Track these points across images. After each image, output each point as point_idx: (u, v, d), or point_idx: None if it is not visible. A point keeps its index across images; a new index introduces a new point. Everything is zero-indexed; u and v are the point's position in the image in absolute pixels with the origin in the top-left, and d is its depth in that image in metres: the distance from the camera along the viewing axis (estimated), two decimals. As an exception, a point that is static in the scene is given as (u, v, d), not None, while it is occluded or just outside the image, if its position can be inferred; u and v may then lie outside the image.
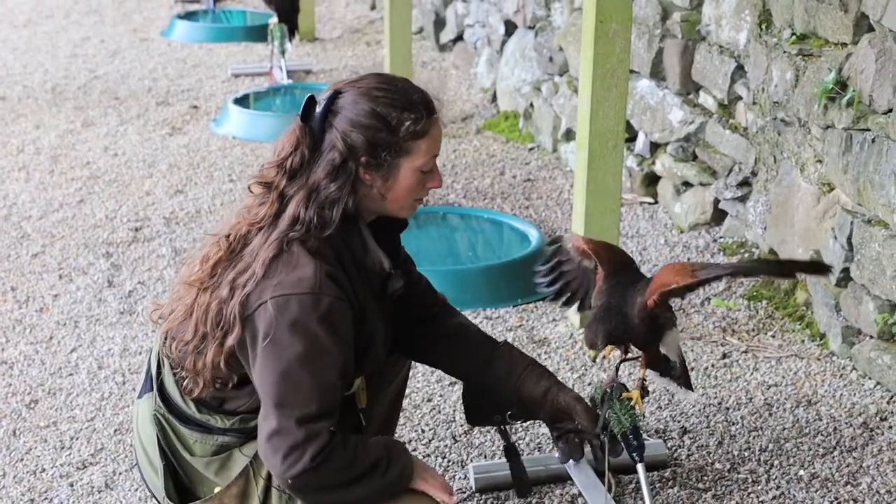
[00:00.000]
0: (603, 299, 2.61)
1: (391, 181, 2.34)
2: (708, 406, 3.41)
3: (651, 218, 4.93)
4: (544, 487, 3.00)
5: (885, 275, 3.39)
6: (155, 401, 2.44)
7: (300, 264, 2.24)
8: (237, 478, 2.36)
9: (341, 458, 2.24)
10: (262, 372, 2.23)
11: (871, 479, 3.01)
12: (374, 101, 2.29)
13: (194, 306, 2.32)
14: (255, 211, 2.34)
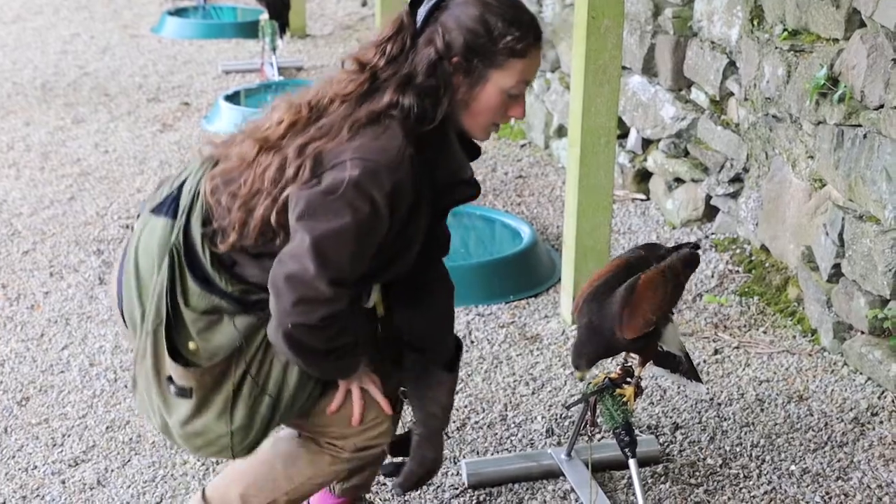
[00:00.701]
0: (584, 318, 2.61)
1: (476, 90, 2.24)
2: (700, 402, 3.42)
3: (643, 214, 4.94)
4: (536, 484, 3.01)
5: (877, 270, 3.39)
6: (178, 233, 2.29)
7: (390, 137, 2.16)
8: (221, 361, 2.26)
9: (340, 327, 2.21)
10: (313, 222, 2.14)
11: (861, 473, 3.01)
12: (484, 8, 2.21)
13: (255, 163, 2.24)
14: (345, 85, 2.24)
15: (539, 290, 4.28)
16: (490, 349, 3.80)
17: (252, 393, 2.28)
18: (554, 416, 3.35)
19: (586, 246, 3.86)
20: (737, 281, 4.25)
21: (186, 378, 2.25)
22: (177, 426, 2.31)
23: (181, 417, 2.29)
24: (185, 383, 2.26)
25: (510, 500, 2.93)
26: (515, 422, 3.33)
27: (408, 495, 2.94)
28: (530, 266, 4.39)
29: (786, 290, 4.06)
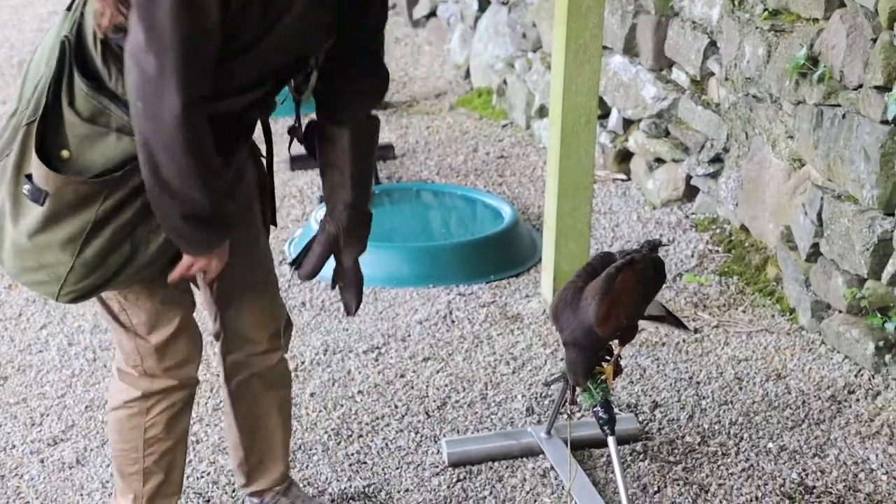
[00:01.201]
0: (565, 333, 2.61)
1: None
2: (679, 381, 3.44)
3: (624, 195, 4.95)
4: (516, 462, 3.02)
5: (854, 250, 3.41)
6: (71, 25, 2.12)
7: None
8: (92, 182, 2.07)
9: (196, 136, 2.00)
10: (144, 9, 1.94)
11: (838, 450, 3.04)
12: None
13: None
14: None
15: (520, 270, 4.29)
16: (471, 328, 3.81)
17: (114, 234, 2.11)
18: (534, 394, 3.36)
19: (567, 226, 3.87)
20: (716, 261, 4.27)
21: (46, 181, 2.06)
22: (17, 237, 2.12)
23: (26, 227, 2.10)
24: (42, 185, 2.06)
25: (490, 479, 2.95)
26: (496, 400, 3.34)
27: (384, 466, 2.95)
28: (511, 246, 4.40)
29: (765, 270, 4.08)
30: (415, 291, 4.10)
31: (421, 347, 3.68)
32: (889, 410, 3.22)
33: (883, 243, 3.32)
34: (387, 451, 3.08)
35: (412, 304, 4.00)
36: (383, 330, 3.79)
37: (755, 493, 2.85)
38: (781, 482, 2.90)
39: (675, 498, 2.84)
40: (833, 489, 2.86)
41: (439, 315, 3.90)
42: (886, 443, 3.06)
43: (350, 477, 2.94)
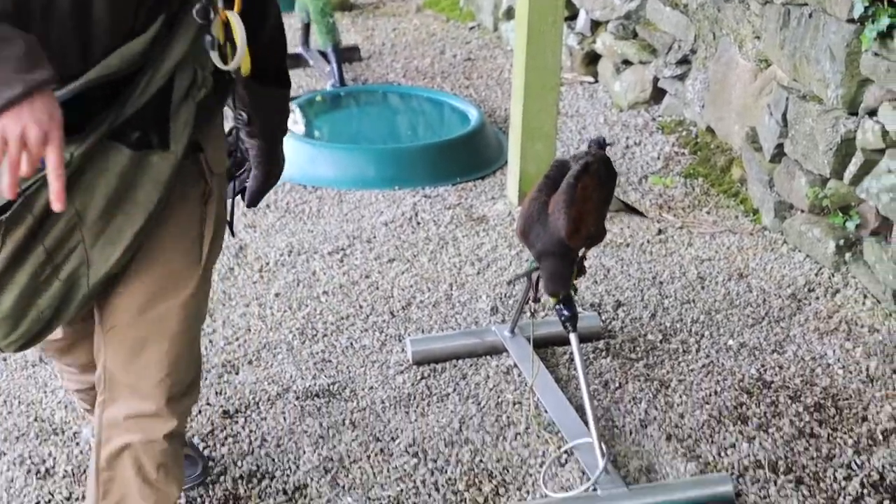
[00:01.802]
0: (535, 248, 2.61)
1: None
2: (642, 280, 3.46)
3: (591, 97, 4.93)
4: (480, 360, 3.05)
5: (818, 149, 3.43)
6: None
7: None
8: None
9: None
10: None
11: (796, 346, 3.09)
12: None
13: None
14: None
15: (486, 173, 4.29)
16: (436, 230, 3.82)
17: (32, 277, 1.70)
18: (499, 294, 3.38)
19: (533, 127, 3.86)
20: (682, 163, 4.28)
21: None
22: None
23: None
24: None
25: (454, 376, 2.97)
26: (460, 301, 3.36)
27: (349, 364, 2.98)
28: (477, 148, 4.39)
29: (730, 171, 4.09)
30: (380, 193, 4.09)
31: (386, 249, 3.68)
32: (847, 308, 3.27)
33: (846, 143, 3.33)
34: (351, 349, 3.10)
35: (378, 206, 4.00)
36: (349, 231, 3.80)
37: (714, 388, 2.90)
38: (740, 378, 2.94)
39: (636, 394, 2.88)
40: (790, 384, 2.91)
41: (405, 217, 3.90)
42: (844, 339, 3.11)
43: (315, 375, 2.97)
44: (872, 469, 2.57)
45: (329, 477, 2.56)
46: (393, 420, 2.78)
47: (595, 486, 2.44)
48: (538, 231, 2.59)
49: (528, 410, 2.81)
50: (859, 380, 2.92)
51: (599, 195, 2.70)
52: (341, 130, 4.73)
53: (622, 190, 4.07)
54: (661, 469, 2.58)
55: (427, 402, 2.85)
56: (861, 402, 2.82)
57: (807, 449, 2.64)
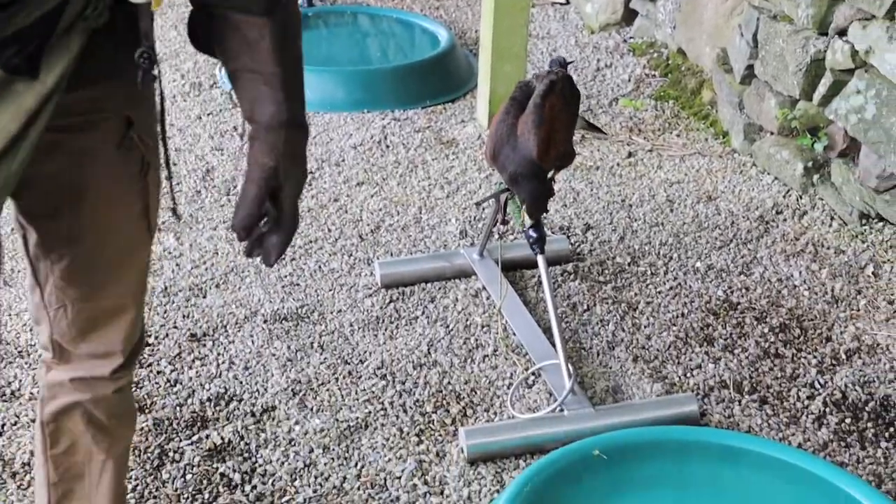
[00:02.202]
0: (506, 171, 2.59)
1: None
2: (612, 203, 3.46)
3: (562, 19, 4.88)
4: (449, 283, 3.05)
5: (788, 70, 3.41)
6: None
7: None
8: None
9: None
10: None
11: (763, 268, 3.10)
12: None
13: None
14: None
15: (456, 96, 4.26)
16: (406, 153, 3.80)
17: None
18: (468, 218, 3.37)
19: (503, 48, 3.82)
20: (653, 85, 4.26)
21: None
22: None
23: None
24: None
25: (423, 299, 2.98)
26: (430, 224, 3.35)
27: (317, 287, 2.97)
28: (447, 70, 4.35)
29: (700, 94, 4.08)
30: (349, 116, 4.06)
31: (355, 172, 3.66)
32: (814, 229, 3.28)
33: (816, 63, 3.32)
34: (320, 273, 3.09)
35: (346, 128, 3.97)
36: (317, 155, 3.77)
37: (681, 309, 2.91)
38: (707, 299, 2.96)
39: (604, 316, 2.90)
40: (756, 305, 2.93)
41: (374, 140, 3.88)
42: (810, 260, 3.13)
43: (283, 298, 2.96)
44: (835, 388, 2.60)
45: (297, 399, 2.56)
46: (361, 343, 2.78)
47: (562, 406, 2.46)
48: (508, 153, 2.58)
49: (497, 333, 2.82)
50: (824, 301, 2.94)
51: (566, 114, 2.69)
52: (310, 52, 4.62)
53: (593, 113, 4.06)
54: (627, 390, 2.61)
55: (395, 325, 2.86)
56: (826, 322, 2.85)
57: (771, 369, 2.67)
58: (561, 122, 2.64)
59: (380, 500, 2.27)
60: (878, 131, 3.08)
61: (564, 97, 2.65)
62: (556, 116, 2.61)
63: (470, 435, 2.39)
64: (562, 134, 2.65)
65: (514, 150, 2.57)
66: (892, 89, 3.04)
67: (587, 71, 4.39)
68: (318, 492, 2.29)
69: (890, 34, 3.01)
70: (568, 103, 2.67)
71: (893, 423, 2.49)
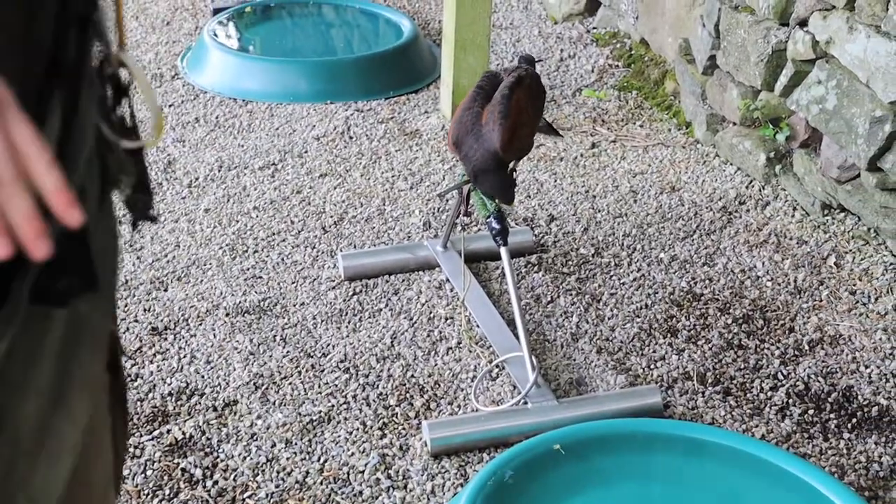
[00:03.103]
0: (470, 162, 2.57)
1: None
2: (575, 194, 3.46)
3: (525, 9, 4.87)
4: (412, 275, 3.03)
5: (749, 61, 3.42)
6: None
7: None
8: None
9: None
10: None
11: (726, 259, 3.11)
12: None
13: None
14: None
15: (419, 86, 4.24)
16: (369, 144, 3.77)
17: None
18: (431, 209, 3.36)
19: (466, 39, 3.81)
20: (616, 75, 4.26)
21: None
22: None
23: None
24: None
25: (386, 291, 2.96)
26: (393, 216, 3.34)
27: (280, 280, 2.95)
28: (410, 61, 4.33)
29: (663, 84, 4.08)
30: (312, 107, 4.03)
31: (318, 163, 3.64)
32: (777, 220, 3.29)
33: (777, 54, 3.33)
34: (282, 265, 3.07)
35: (309, 119, 3.94)
36: (280, 146, 3.74)
37: (645, 301, 2.91)
38: (671, 290, 2.96)
39: (568, 307, 2.89)
40: (720, 296, 2.94)
41: (337, 131, 3.85)
42: (773, 251, 3.14)
43: (245, 291, 2.94)
44: (798, 379, 2.61)
45: (259, 393, 2.54)
46: (324, 336, 2.76)
47: (526, 399, 2.45)
48: (471, 143, 2.57)
49: (460, 325, 2.81)
50: (787, 291, 2.95)
51: (531, 109, 2.69)
52: (272, 43, 4.63)
53: (556, 103, 4.05)
54: (591, 382, 2.60)
55: (359, 318, 2.84)
56: (788, 313, 2.86)
57: (735, 360, 2.67)
58: (526, 116, 2.63)
59: (343, 494, 2.26)
60: (838, 122, 3.09)
61: (531, 92, 2.65)
62: (523, 109, 2.61)
63: (433, 428, 2.38)
64: (526, 128, 2.64)
65: (476, 140, 2.56)
66: (852, 80, 3.05)
67: (550, 62, 4.38)
68: (281, 486, 2.27)
69: (850, 25, 3.02)
70: (534, 98, 2.67)
71: (856, 415, 2.50)
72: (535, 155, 3.66)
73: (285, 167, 3.60)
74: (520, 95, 2.60)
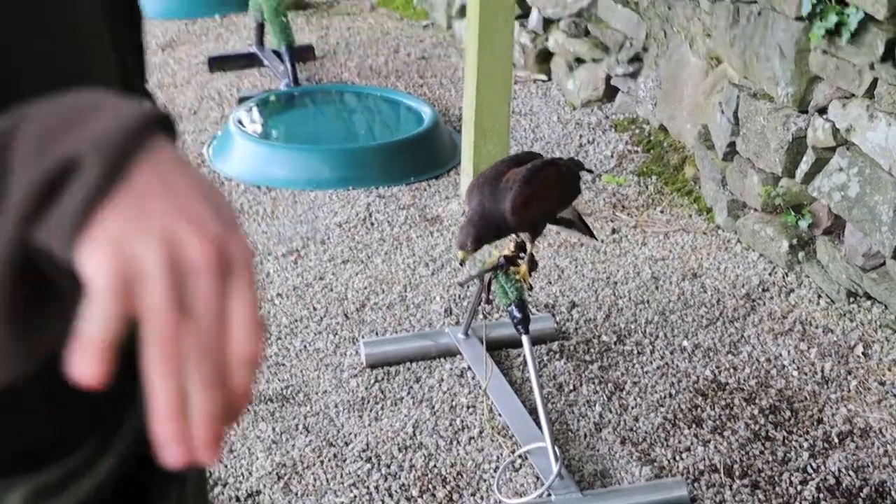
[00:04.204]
0: (475, 200, 2.59)
1: None
2: (597, 280, 3.46)
3: (544, 95, 4.92)
4: (434, 362, 3.02)
5: (769, 147, 3.43)
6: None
7: None
8: None
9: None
10: None
11: (751, 347, 3.09)
12: None
13: None
14: None
15: (440, 172, 4.26)
16: (391, 231, 3.79)
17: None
18: (453, 296, 3.36)
19: (485, 126, 3.84)
20: (635, 161, 4.27)
21: None
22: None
23: None
24: None
25: (408, 379, 2.95)
26: (414, 302, 3.34)
27: (303, 367, 2.94)
28: (431, 148, 4.36)
29: (683, 170, 4.10)
30: (335, 194, 4.06)
31: (340, 250, 3.65)
32: (801, 307, 3.27)
33: (797, 141, 3.34)
34: (305, 353, 3.07)
35: (332, 206, 3.96)
36: (302, 233, 3.76)
37: (669, 390, 2.89)
38: (695, 379, 2.94)
39: (590, 396, 2.87)
40: (745, 385, 2.91)
41: (359, 217, 3.87)
42: (798, 339, 3.12)
43: (268, 379, 2.93)
44: (828, 472, 2.57)
45: (282, 483, 2.52)
46: (346, 424, 2.75)
47: (549, 491, 2.43)
48: (484, 192, 2.58)
49: (482, 414, 2.79)
50: (814, 381, 2.92)
51: (557, 192, 2.70)
52: (296, 130, 4.68)
53: (576, 189, 4.07)
54: (615, 474, 2.57)
55: (381, 406, 2.83)
56: (816, 404, 2.83)
57: (762, 452, 2.64)
58: (549, 193, 2.64)
59: (366, 589, 2.23)
60: (862, 209, 3.09)
61: (563, 178, 2.67)
62: (549, 186, 2.62)
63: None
64: (543, 204, 2.64)
65: (491, 191, 2.57)
66: (874, 167, 3.05)
67: (570, 147, 4.41)
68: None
69: (870, 112, 3.03)
70: (563, 186, 2.69)
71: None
72: (556, 241, 3.67)
73: (308, 254, 3.61)
74: (550, 173, 2.63)
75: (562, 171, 2.69)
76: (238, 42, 5.68)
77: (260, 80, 5.16)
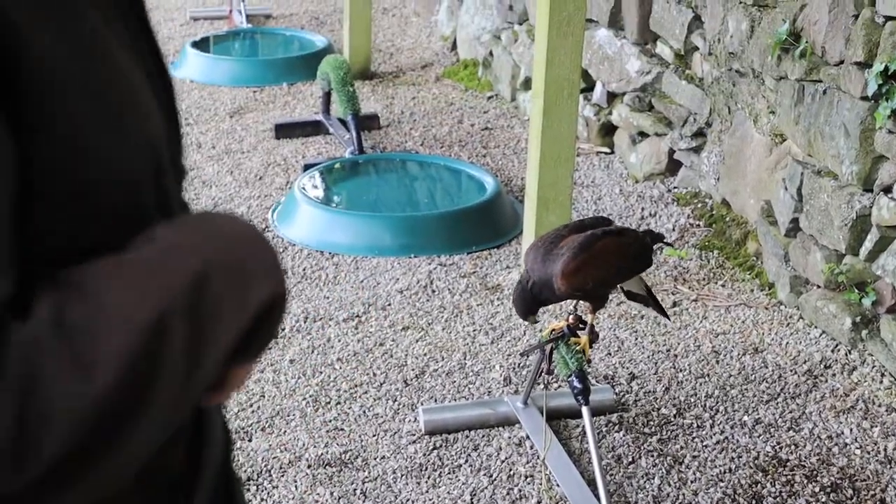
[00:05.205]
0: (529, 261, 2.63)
1: None
2: (657, 353, 3.45)
3: (607, 168, 4.95)
4: (492, 431, 3.03)
5: (833, 225, 3.43)
6: None
7: None
8: None
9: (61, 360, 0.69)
10: None
11: (812, 424, 3.06)
12: None
13: None
14: None
15: (501, 242, 4.30)
16: (451, 298, 3.82)
17: None
18: (512, 364, 3.37)
19: (548, 197, 3.87)
20: (697, 234, 4.28)
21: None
22: None
23: None
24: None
25: (466, 447, 2.96)
26: (474, 370, 3.36)
27: (361, 433, 2.97)
28: (493, 217, 4.40)
29: (745, 245, 4.10)
30: (396, 261, 4.11)
31: (401, 316, 3.69)
32: (864, 385, 3.25)
33: (861, 219, 3.34)
34: (364, 418, 3.09)
35: (393, 273, 4.01)
36: (364, 298, 3.80)
37: (729, 465, 2.87)
38: (755, 455, 2.92)
39: (649, 469, 2.86)
40: (806, 462, 2.88)
41: (420, 284, 3.91)
42: (861, 417, 3.09)
43: (327, 443, 2.96)
44: (888, 551, 2.54)
45: (339, 548, 2.54)
46: (404, 491, 2.76)
47: (607, 563, 2.42)
48: (539, 255, 2.60)
49: (540, 484, 2.79)
50: (877, 460, 2.89)
51: (616, 262, 2.69)
52: (359, 197, 4.76)
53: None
54: (674, 547, 2.56)
55: (439, 473, 2.84)
56: (879, 483, 2.80)
57: (822, 529, 2.61)
58: (604, 262, 2.64)
59: None
60: (926, 288, 3.07)
61: (627, 249, 2.67)
62: (603, 254, 2.62)
63: (514, 591, 2.34)
64: (599, 273, 2.63)
65: (544, 256, 2.59)
66: (939, 246, 3.04)
67: (632, 219, 4.43)
68: None
69: (936, 192, 3.03)
70: (625, 257, 2.69)
71: (950, 590, 2.42)
72: (616, 312, 3.67)
73: (369, 319, 3.66)
74: (609, 242, 2.63)
75: (624, 240, 2.69)
76: (304, 110, 5.80)
77: (325, 148, 5.26)
